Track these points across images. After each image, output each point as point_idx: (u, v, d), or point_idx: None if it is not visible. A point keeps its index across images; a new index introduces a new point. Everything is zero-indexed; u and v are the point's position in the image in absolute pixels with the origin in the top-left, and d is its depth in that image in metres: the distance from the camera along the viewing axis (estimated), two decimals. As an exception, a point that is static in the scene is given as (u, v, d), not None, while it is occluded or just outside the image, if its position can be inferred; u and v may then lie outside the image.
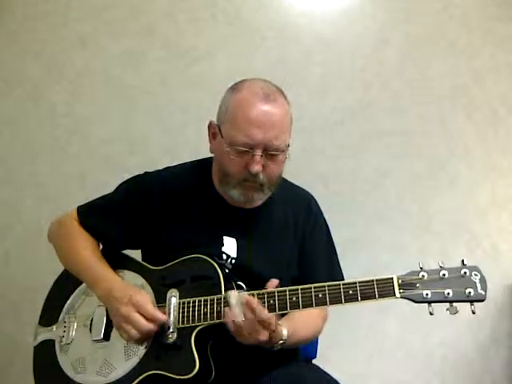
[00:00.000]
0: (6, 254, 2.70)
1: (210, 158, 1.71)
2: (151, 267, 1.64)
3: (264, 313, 1.40)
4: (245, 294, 1.43)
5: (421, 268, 1.37)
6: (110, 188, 1.79)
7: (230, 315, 1.41)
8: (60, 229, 1.76)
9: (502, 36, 2.69)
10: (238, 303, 1.41)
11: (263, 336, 1.41)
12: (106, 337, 1.58)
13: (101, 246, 1.75)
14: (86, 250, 1.67)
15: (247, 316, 1.40)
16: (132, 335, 1.48)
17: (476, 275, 1.33)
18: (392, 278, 1.37)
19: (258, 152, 1.51)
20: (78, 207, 1.78)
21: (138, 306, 1.49)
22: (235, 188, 1.59)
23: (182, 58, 2.72)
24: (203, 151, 1.72)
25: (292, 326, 1.52)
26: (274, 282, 1.49)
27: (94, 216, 1.74)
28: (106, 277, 1.60)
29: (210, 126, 1.64)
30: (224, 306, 1.46)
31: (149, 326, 1.48)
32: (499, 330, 2.62)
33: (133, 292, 1.53)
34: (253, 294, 1.46)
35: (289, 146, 1.57)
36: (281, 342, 1.47)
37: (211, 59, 2.71)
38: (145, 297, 1.53)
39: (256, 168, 1.52)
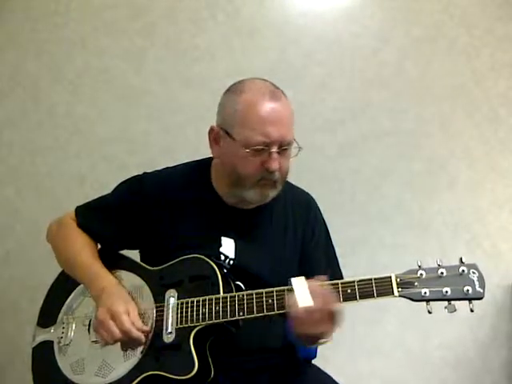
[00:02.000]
0: (6, 254, 2.70)
1: (209, 158, 1.71)
2: (149, 267, 1.64)
3: (335, 303, 1.37)
4: (313, 281, 1.40)
5: (419, 266, 1.37)
6: (109, 188, 1.79)
7: (296, 301, 1.37)
8: (58, 229, 1.77)
9: (502, 36, 2.69)
10: (304, 289, 1.38)
11: (325, 327, 1.38)
12: (105, 337, 1.59)
13: (99, 246, 1.75)
14: (83, 250, 1.67)
15: (316, 303, 1.36)
16: (103, 339, 1.50)
17: (474, 273, 1.34)
18: (390, 277, 1.37)
19: (275, 149, 1.52)
20: (77, 208, 1.78)
21: (114, 317, 1.48)
22: (252, 189, 1.58)
23: (182, 58, 2.72)
24: (203, 151, 1.72)
25: None
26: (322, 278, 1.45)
27: (91, 216, 1.74)
28: (100, 276, 1.60)
29: (212, 131, 1.63)
30: (226, 306, 1.46)
31: (119, 336, 1.48)
32: (499, 330, 2.62)
33: (115, 300, 1.52)
34: (251, 294, 1.46)
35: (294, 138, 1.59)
36: (323, 340, 1.45)
37: (211, 59, 2.71)
38: (124, 308, 1.50)
39: (275, 165, 1.52)
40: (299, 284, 1.40)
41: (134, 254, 1.75)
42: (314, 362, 1.86)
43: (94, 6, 2.74)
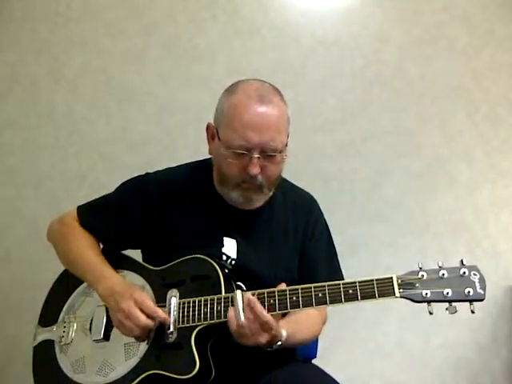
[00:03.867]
0: (6, 254, 2.70)
1: (211, 158, 1.72)
2: (151, 267, 1.64)
3: (264, 314, 1.40)
4: (248, 295, 1.43)
5: (420, 268, 1.37)
6: (109, 188, 1.79)
7: (233, 315, 1.41)
8: (60, 228, 1.76)
9: (502, 36, 2.69)
10: (241, 303, 1.41)
11: (263, 338, 1.42)
12: (106, 337, 1.59)
13: (101, 246, 1.75)
14: (87, 249, 1.67)
15: (248, 317, 1.40)
16: (131, 330, 1.49)
17: (475, 275, 1.34)
18: (392, 278, 1.37)
19: (255, 154, 1.51)
20: (78, 207, 1.78)
21: (138, 301, 1.49)
22: (234, 190, 1.59)
23: (182, 58, 2.72)
24: (203, 151, 1.72)
25: (291, 327, 1.52)
26: (282, 285, 1.48)
27: (93, 216, 1.74)
28: (107, 275, 1.60)
29: (208, 128, 1.64)
30: (228, 306, 1.46)
31: (147, 322, 1.48)
32: (499, 330, 2.62)
33: (134, 289, 1.54)
34: (253, 294, 1.46)
35: (286, 145, 1.57)
36: (279, 343, 1.46)
37: (211, 59, 2.71)
38: (145, 294, 1.54)
39: (254, 170, 1.52)
40: (239, 298, 1.42)
41: (136, 255, 1.75)
42: (314, 361, 1.87)
43: (94, 6, 2.75)
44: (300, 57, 2.71)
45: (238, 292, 1.43)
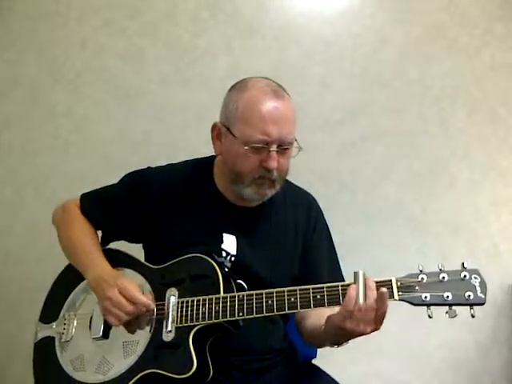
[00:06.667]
0: (5, 254, 2.70)
1: (211, 156, 1.72)
2: (151, 266, 1.65)
3: (386, 305, 1.35)
4: (371, 278, 1.37)
5: (420, 270, 1.36)
6: (109, 188, 1.80)
7: (354, 296, 1.35)
8: (63, 214, 1.80)
9: (502, 36, 2.68)
10: (363, 285, 1.35)
11: (370, 328, 1.38)
12: (105, 335, 1.59)
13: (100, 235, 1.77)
14: (84, 237, 1.71)
15: (370, 303, 1.35)
16: (119, 317, 1.50)
17: (476, 278, 1.33)
18: (391, 280, 1.36)
19: (274, 148, 1.52)
20: (82, 194, 1.82)
21: (121, 288, 1.50)
22: (249, 186, 1.59)
23: (182, 58, 2.72)
24: (203, 151, 1.72)
25: None
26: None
27: (95, 205, 1.77)
28: (98, 263, 1.62)
29: (215, 127, 1.64)
30: (226, 305, 1.46)
31: (131, 308, 1.49)
32: (499, 331, 2.61)
33: (119, 277, 1.55)
34: (252, 294, 1.46)
35: (295, 139, 1.58)
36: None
37: (211, 59, 2.71)
38: (131, 282, 1.55)
39: (273, 164, 1.53)
40: (362, 278, 1.36)
41: (137, 254, 1.75)
42: (314, 361, 1.87)
43: (94, 6, 2.74)
44: (300, 57, 2.71)
45: (361, 272, 1.37)
